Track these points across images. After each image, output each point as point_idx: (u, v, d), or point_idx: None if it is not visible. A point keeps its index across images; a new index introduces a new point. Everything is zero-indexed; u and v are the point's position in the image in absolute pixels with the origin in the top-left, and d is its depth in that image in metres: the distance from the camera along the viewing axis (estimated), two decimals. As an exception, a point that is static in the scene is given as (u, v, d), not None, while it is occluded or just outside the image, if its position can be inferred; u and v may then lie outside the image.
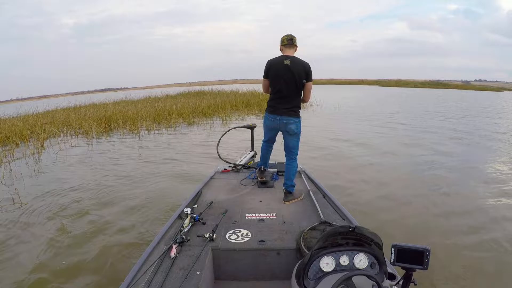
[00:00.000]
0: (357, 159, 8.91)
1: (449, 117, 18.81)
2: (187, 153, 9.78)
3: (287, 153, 4.14)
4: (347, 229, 2.04)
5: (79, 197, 6.22)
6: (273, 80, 3.91)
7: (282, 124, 3.96)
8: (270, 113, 4.03)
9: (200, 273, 2.46)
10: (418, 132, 13.36)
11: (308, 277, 2.07)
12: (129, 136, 13.05)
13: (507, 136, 12.60)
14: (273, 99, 3.99)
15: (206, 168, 7.61)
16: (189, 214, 3.29)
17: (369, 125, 14.87)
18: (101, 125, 14.40)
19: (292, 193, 3.96)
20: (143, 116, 15.83)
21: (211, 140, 11.43)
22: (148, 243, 3.06)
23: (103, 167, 8.43)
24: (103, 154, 10.03)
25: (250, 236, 3.03)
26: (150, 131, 13.89)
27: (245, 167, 5.24)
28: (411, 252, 1.70)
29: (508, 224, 5.00)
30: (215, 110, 18.99)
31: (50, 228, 4.97)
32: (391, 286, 1.89)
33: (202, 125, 15.14)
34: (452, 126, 14.94)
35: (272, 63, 3.89)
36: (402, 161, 8.82)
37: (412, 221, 5.11)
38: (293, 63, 3.76)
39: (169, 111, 17.27)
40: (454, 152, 9.82)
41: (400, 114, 19.58)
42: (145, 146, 11.04)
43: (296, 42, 3.86)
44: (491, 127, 15.18)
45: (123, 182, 7.07)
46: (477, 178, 7.21)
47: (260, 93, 24.81)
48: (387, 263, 2.07)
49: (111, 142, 12.07)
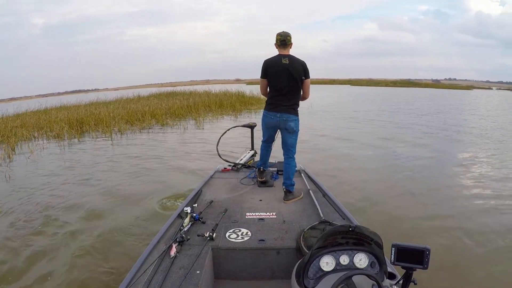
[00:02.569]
0: (336, 150, 9.67)
1: (424, 113, 20.19)
2: (165, 155, 9.75)
3: (285, 151, 4.15)
4: (347, 229, 2.04)
5: (50, 201, 6.15)
6: (273, 79, 3.93)
7: (282, 122, 3.97)
8: (270, 110, 4.03)
9: (200, 272, 2.46)
10: (395, 127, 14.30)
11: (308, 276, 2.07)
12: (101, 138, 12.86)
13: (477, 131, 13.88)
14: (273, 97, 4.00)
15: (181, 172, 7.76)
16: (189, 213, 3.28)
17: (340, 121, 15.43)
18: (73, 128, 14.19)
19: (292, 192, 3.96)
20: (116, 118, 15.63)
21: (189, 141, 11.57)
22: (148, 242, 3.01)
23: (74, 171, 8.33)
24: (75, 156, 9.92)
25: (250, 235, 3.03)
26: (123, 133, 13.74)
27: (245, 166, 5.25)
28: (411, 252, 1.70)
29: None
30: (188, 111, 18.95)
31: (20, 235, 4.89)
32: (391, 285, 1.89)
33: (176, 126, 15.11)
34: (427, 122, 15.98)
35: (270, 62, 3.91)
36: (377, 152, 9.82)
37: (395, 210, 5.50)
38: (291, 62, 3.82)
39: (141, 112, 17.09)
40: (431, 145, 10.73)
41: (373, 112, 20.54)
42: (117, 149, 10.93)
43: (291, 40, 3.88)
44: (462, 122, 16.65)
45: (95, 187, 7.00)
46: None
47: (233, 94, 24.89)
48: (387, 263, 2.08)
49: (83, 144, 11.88)
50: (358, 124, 15.39)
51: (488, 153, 9.85)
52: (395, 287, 1.86)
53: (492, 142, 11.59)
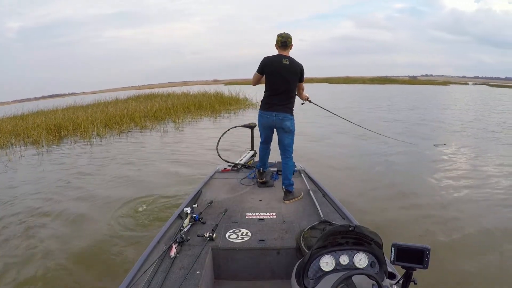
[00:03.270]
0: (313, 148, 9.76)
1: (402, 108, 21.55)
2: (147, 158, 9.65)
3: (282, 152, 4.17)
4: (347, 228, 2.05)
5: (30, 208, 6.07)
6: (270, 77, 3.98)
7: (278, 121, 4.00)
8: (266, 110, 4.06)
9: (200, 272, 2.46)
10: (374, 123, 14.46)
11: (308, 276, 2.07)
12: (80, 143, 12.66)
13: (458, 123, 15.15)
14: (269, 96, 4.04)
15: (163, 175, 7.67)
16: (189, 214, 3.28)
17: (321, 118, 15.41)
18: (51, 133, 13.90)
19: (292, 192, 3.97)
20: (94, 122, 15.36)
21: (169, 143, 11.54)
22: (148, 242, 3.00)
23: (53, 176, 8.18)
24: (54, 163, 9.71)
25: (250, 236, 3.04)
26: (102, 137, 13.55)
27: (245, 167, 5.25)
28: (411, 251, 1.70)
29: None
30: (167, 113, 18.81)
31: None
32: (391, 285, 1.90)
33: (155, 129, 14.97)
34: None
35: (270, 60, 3.95)
36: (353, 149, 10.27)
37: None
38: (291, 63, 3.91)
39: (120, 115, 16.87)
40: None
41: (351, 109, 20.67)
42: (96, 154, 10.75)
43: (292, 42, 3.96)
44: (440, 116, 17.65)
45: (74, 192, 6.90)
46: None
47: (211, 95, 24.90)
48: (387, 262, 2.08)
49: (62, 150, 11.65)
50: (337, 120, 15.45)
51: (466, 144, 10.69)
52: (395, 286, 1.87)
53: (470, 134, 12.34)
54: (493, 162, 8.50)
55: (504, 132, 12.71)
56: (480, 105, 25.43)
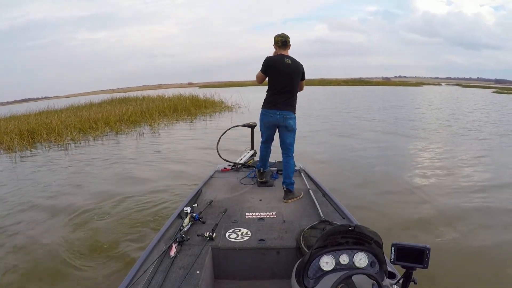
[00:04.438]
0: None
1: (379, 108, 23.07)
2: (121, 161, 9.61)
3: (283, 150, 4.18)
4: (347, 228, 2.05)
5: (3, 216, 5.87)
6: (274, 77, 4.02)
7: (281, 119, 4.03)
8: (269, 108, 4.08)
9: (200, 272, 2.46)
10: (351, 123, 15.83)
11: (308, 276, 2.07)
12: (55, 148, 12.40)
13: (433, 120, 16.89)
14: (273, 95, 4.07)
15: (135, 181, 7.51)
16: (188, 213, 3.29)
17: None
18: (24, 139, 13.55)
19: (292, 191, 3.97)
20: (68, 127, 14.98)
21: (145, 147, 11.47)
22: (147, 242, 2.97)
23: (26, 184, 7.88)
24: (28, 169, 9.41)
25: (250, 235, 3.04)
26: (77, 142, 13.32)
27: (245, 166, 5.26)
28: (411, 251, 1.70)
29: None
30: (143, 116, 18.65)
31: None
32: (391, 285, 1.91)
33: (131, 133, 14.80)
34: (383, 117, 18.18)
35: (274, 60, 4.01)
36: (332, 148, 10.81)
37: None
38: (293, 62, 3.98)
39: (94, 120, 16.60)
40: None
41: (328, 110, 21.89)
42: (71, 158, 10.57)
43: (290, 42, 4.05)
44: (414, 115, 19.08)
45: (50, 200, 6.65)
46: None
47: (186, 98, 24.79)
48: (387, 262, 2.08)
49: (36, 156, 11.28)
50: (315, 120, 16.52)
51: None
52: (395, 286, 1.88)
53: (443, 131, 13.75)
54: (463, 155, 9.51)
55: (478, 130, 13.95)
56: (455, 105, 27.45)
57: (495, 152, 10.02)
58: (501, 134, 12.85)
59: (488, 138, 12.02)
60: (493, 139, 11.89)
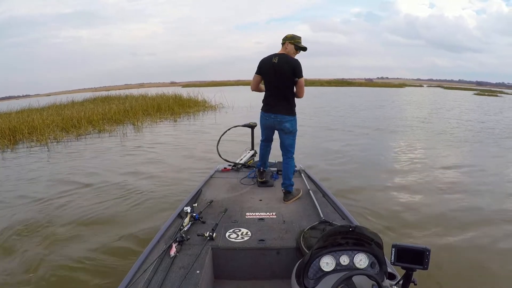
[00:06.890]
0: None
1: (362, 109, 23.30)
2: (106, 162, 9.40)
3: (283, 152, 4.16)
4: (347, 229, 2.06)
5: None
6: (265, 77, 3.99)
7: (276, 122, 4.00)
8: (265, 111, 4.06)
9: (199, 272, 2.46)
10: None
11: (308, 276, 2.08)
12: (37, 147, 12.11)
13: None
14: (268, 96, 4.05)
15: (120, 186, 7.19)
16: (188, 213, 3.29)
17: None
18: (5, 137, 13.45)
19: (291, 192, 3.98)
20: (50, 125, 14.74)
21: (129, 147, 11.31)
22: (147, 242, 2.98)
23: (7, 185, 7.70)
24: (10, 169, 9.15)
25: (250, 235, 3.04)
26: (60, 141, 13.10)
27: (245, 166, 5.25)
28: (411, 252, 1.71)
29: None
30: (126, 115, 18.52)
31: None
32: (391, 285, 1.91)
33: (114, 132, 14.64)
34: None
35: (263, 61, 3.96)
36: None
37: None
38: (280, 61, 3.81)
39: (77, 118, 16.20)
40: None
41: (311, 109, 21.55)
42: (54, 158, 10.32)
43: (288, 40, 3.86)
44: (398, 114, 20.12)
45: (34, 203, 6.34)
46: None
47: (170, 97, 24.66)
48: (387, 263, 2.09)
49: (17, 155, 10.80)
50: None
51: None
52: (395, 287, 1.88)
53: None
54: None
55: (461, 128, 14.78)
56: (437, 105, 28.53)
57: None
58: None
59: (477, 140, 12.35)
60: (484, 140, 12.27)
